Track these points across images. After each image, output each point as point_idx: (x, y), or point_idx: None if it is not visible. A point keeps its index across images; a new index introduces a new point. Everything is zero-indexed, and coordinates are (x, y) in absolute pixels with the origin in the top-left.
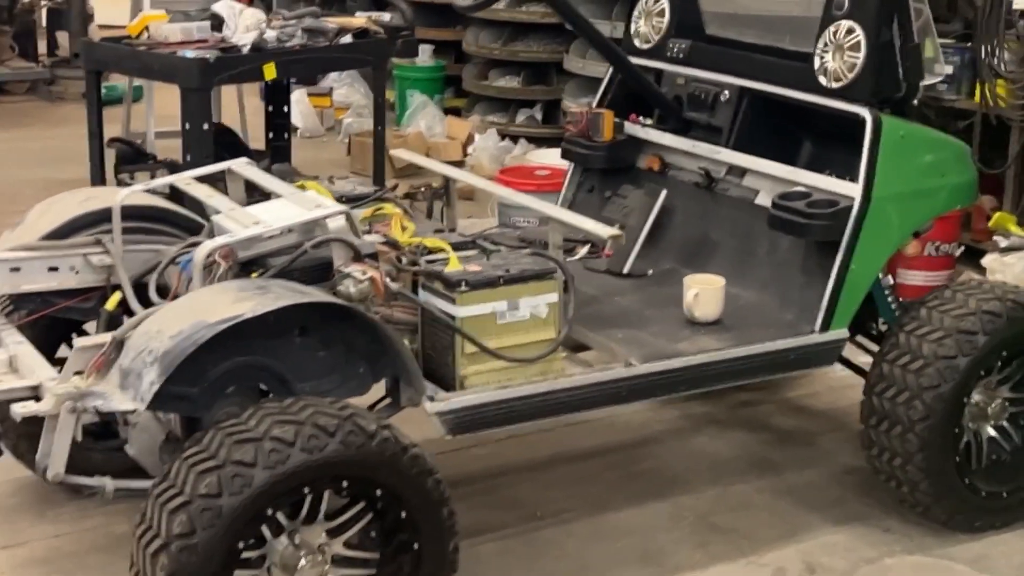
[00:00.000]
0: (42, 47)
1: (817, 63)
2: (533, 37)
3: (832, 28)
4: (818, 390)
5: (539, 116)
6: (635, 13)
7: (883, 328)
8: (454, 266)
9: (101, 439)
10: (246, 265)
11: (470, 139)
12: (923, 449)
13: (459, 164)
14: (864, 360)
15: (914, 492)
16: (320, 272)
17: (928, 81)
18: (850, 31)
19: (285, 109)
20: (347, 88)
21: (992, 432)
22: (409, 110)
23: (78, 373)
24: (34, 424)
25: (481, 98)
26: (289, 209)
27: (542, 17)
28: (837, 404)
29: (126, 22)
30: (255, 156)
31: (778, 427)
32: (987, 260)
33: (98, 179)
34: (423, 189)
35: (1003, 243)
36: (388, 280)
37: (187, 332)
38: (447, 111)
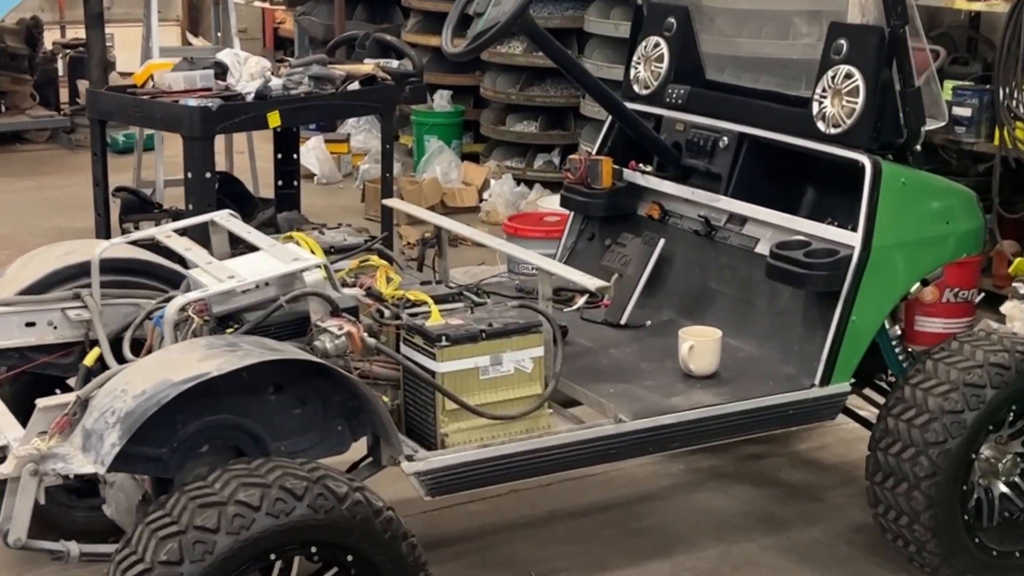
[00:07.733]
0: (64, 95)
1: (815, 108)
2: (550, 82)
3: (831, 72)
4: (828, 442)
5: (556, 161)
6: (634, 58)
7: (892, 380)
8: (435, 320)
9: (85, 497)
10: (223, 320)
11: (486, 184)
12: (930, 507)
13: (474, 210)
14: (874, 413)
15: (922, 552)
16: (297, 327)
17: (930, 126)
18: (848, 76)
19: (294, 156)
20: (364, 134)
21: (1004, 489)
22: (425, 156)
23: (42, 434)
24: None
25: (499, 143)
26: (267, 262)
27: None
28: (847, 457)
29: None
30: (262, 204)
31: (786, 481)
32: (1006, 307)
33: (103, 228)
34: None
35: (1022, 289)
36: (366, 335)
37: (151, 392)
38: (466, 156)
